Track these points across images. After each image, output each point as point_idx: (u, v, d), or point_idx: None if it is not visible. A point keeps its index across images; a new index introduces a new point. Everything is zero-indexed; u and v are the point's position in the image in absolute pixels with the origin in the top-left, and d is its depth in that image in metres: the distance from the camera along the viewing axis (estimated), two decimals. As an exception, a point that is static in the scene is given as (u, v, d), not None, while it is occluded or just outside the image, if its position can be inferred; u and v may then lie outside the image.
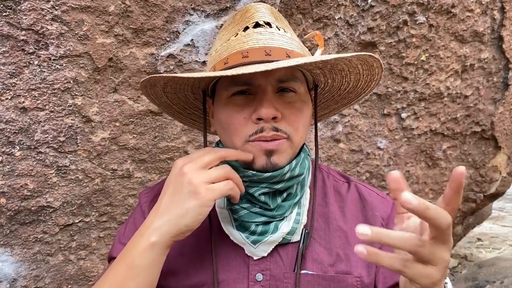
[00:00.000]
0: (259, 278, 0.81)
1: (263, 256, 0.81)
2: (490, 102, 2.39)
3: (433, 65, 2.13)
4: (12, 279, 1.62)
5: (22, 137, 1.50)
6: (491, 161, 2.57)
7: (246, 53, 0.76)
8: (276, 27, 0.81)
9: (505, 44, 2.27)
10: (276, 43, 0.77)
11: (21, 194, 1.55)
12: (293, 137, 0.80)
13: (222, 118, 0.82)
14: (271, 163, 0.78)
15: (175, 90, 0.89)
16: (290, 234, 0.82)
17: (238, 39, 0.79)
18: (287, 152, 0.80)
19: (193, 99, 0.94)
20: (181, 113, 0.99)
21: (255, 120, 0.77)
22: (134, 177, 1.72)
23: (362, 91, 0.92)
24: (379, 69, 0.84)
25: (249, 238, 0.80)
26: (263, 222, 0.80)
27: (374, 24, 1.93)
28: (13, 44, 1.41)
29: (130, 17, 1.52)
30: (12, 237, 1.59)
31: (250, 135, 0.78)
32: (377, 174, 2.24)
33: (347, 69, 0.85)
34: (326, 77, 0.90)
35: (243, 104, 0.79)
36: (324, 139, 2.05)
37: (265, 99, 0.76)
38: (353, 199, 0.93)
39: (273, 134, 0.77)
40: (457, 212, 2.66)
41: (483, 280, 2.66)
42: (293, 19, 1.79)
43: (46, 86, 1.49)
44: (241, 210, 0.81)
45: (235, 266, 0.82)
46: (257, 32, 0.78)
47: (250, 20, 0.81)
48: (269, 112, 0.75)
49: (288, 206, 0.82)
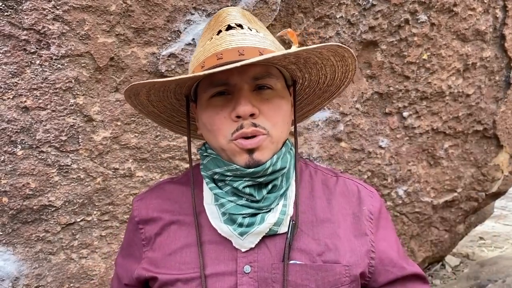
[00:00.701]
0: (247, 270, 0.82)
1: (251, 247, 0.83)
2: (492, 101, 2.38)
3: (435, 64, 2.13)
4: (14, 277, 1.62)
5: (24, 136, 1.51)
6: (493, 160, 2.56)
7: (221, 55, 0.79)
8: (248, 28, 0.84)
9: (507, 43, 2.26)
10: (249, 43, 0.80)
11: (23, 193, 1.56)
12: (272, 132, 0.82)
13: (204, 120, 0.85)
14: (253, 159, 0.81)
15: (159, 98, 0.91)
16: (276, 225, 0.83)
17: (212, 43, 0.82)
18: (268, 147, 0.82)
19: (178, 106, 0.96)
20: (170, 121, 1.02)
21: (234, 118, 0.80)
22: (136, 176, 1.72)
23: (341, 83, 0.94)
24: (352, 59, 0.86)
25: (236, 230, 0.82)
26: (250, 214, 0.82)
27: (376, 23, 1.93)
28: (15, 43, 1.41)
29: (131, 17, 1.52)
30: (14, 236, 1.60)
31: (232, 133, 0.81)
32: (378, 173, 2.23)
33: (321, 62, 0.87)
34: (302, 72, 0.91)
35: (222, 105, 0.82)
36: (325, 138, 2.05)
37: (241, 97, 0.79)
38: (341, 192, 0.94)
39: (252, 129, 0.80)
40: (459, 211, 2.66)
41: (485, 279, 2.66)
42: (294, 18, 1.79)
43: (48, 86, 1.49)
44: (228, 203, 0.83)
45: (223, 259, 0.84)
46: (229, 34, 0.81)
47: (223, 23, 0.84)
48: (246, 109, 0.78)
49: (273, 197, 0.84)
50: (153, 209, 0.93)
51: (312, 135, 2.01)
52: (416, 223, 2.50)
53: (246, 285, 0.81)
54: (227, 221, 0.83)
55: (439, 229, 2.67)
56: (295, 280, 0.81)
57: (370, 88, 2.07)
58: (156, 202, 0.94)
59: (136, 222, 0.94)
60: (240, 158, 0.81)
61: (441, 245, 2.81)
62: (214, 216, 0.85)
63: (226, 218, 0.84)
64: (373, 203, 0.93)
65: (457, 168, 2.47)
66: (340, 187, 0.95)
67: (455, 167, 2.45)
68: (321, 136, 2.04)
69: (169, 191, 0.95)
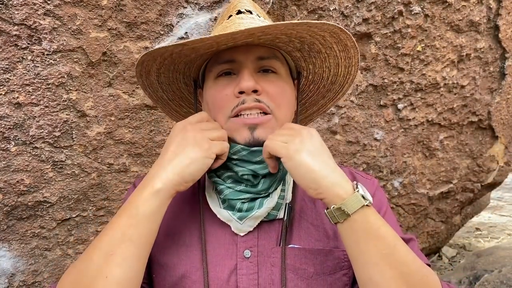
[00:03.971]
0: (247, 254, 0.83)
1: (249, 231, 0.84)
2: (487, 92, 2.38)
3: (429, 55, 2.13)
4: (10, 274, 1.62)
5: (17, 132, 1.50)
6: (488, 151, 2.57)
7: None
8: (257, 14, 0.86)
9: (501, 34, 2.26)
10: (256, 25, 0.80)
11: (18, 190, 1.55)
12: (276, 114, 0.83)
13: (208, 99, 0.86)
14: (253, 137, 0.81)
15: (169, 80, 0.91)
16: (275, 209, 0.84)
17: (223, 26, 0.84)
18: (272, 128, 0.83)
19: (187, 94, 0.97)
20: (178, 111, 1.03)
21: (237, 94, 0.81)
22: (131, 171, 1.72)
23: (345, 80, 0.95)
24: (354, 49, 0.87)
25: (235, 215, 0.83)
26: (249, 199, 0.83)
27: (369, 15, 1.92)
28: (6, 39, 1.41)
29: (123, 11, 1.51)
30: (9, 232, 1.60)
31: (232, 109, 0.82)
32: (374, 165, 2.24)
33: (324, 50, 0.87)
34: (306, 62, 0.92)
35: (226, 83, 0.83)
36: (320, 131, 2.05)
37: (245, 73, 0.80)
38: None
39: (254, 104, 0.81)
40: (455, 202, 2.67)
41: (481, 269, 2.67)
42: (287, 10, 1.78)
43: (40, 81, 1.49)
44: (226, 189, 0.84)
45: (223, 244, 0.84)
46: (239, 18, 0.84)
47: (234, 9, 0.87)
48: (250, 84, 0.79)
49: (271, 181, 0.85)
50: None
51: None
52: (412, 214, 2.51)
53: (245, 269, 0.82)
54: (227, 207, 0.85)
55: (435, 220, 2.68)
56: (294, 263, 0.82)
57: (365, 81, 2.07)
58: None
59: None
60: (240, 134, 0.82)
61: (438, 236, 2.83)
62: (214, 204, 0.86)
63: (226, 205, 0.85)
64: (370, 188, 0.94)
65: (452, 160, 2.47)
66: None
67: (450, 158, 2.46)
68: (316, 129, 2.04)
69: None
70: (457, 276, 2.73)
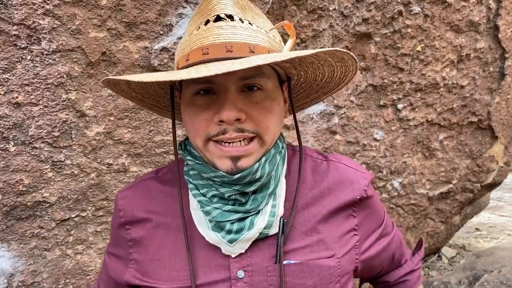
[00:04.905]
0: (240, 275, 0.79)
1: (241, 253, 0.79)
2: (487, 92, 2.38)
3: (429, 55, 2.13)
4: (9, 274, 1.62)
5: (16, 132, 1.50)
6: (488, 151, 2.57)
7: (206, 50, 0.72)
8: (240, 19, 0.76)
9: (501, 34, 2.26)
10: (239, 38, 0.73)
11: (17, 190, 1.55)
12: (264, 137, 0.76)
13: (185, 118, 0.79)
14: (236, 167, 0.75)
15: (141, 87, 0.85)
16: (267, 228, 0.79)
17: (199, 34, 0.75)
18: (257, 153, 0.77)
19: (163, 93, 0.90)
20: (156, 105, 0.96)
21: (217, 122, 0.73)
22: (130, 171, 1.72)
23: (341, 81, 0.88)
24: (352, 61, 0.79)
25: (225, 238, 0.78)
26: (238, 219, 0.78)
27: (369, 15, 1.92)
28: (5, 39, 1.40)
29: (122, 11, 1.51)
30: (8, 233, 1.60)
31: (212, 136, 0.75)
32: (373, 166, 2.24)
33: (317, 62, 0.80)
34: (297, 70, 0.85)
35: (205, 105, 0.75)
36: (320, 131, 2.05)
37: (226, 99, 0.72)
38: (333, 178, 0.89)
39: (237, 135, 0.73)
40: (454, 202, 2.67)
41: (481, 269, 2.67)
42: (287, 10, 1.78)
43: (39, 81, 1.48)
44: (213, 210, 0.78)
45: (214, 266, 0.80)
46: (217, 27, 0.74)
47: (211, 12, 0.76)
48: (231, 115, 0.71)
49: (261, 198, 0.79)
50: (138, 210, 0.88)
51: (307, 128, 2.01)
52: (412, 215, 2.50)
53: None
54: (214, 227, 0.79)
55: (435, 220, 2.68)
56: (292, 280, 0.79)
57: (364, 81, 2.07)
58: (141, 203, 0.89)
59: (123, 222, 0.90)
60: (221, 163, 0.75)
61: (437, 237, 2.83)
62: (201, 222, 0.81)
63: (213, 224, 0.79)
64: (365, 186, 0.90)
65: (452, 160, 2.47)
66: (332, 173, 0.90)
67: (450, 158, 2.46)
68: (316, 129, 2.03)
69: (154, 191, 0.90)
70: (456, 276, 2.73)
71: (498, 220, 4.71)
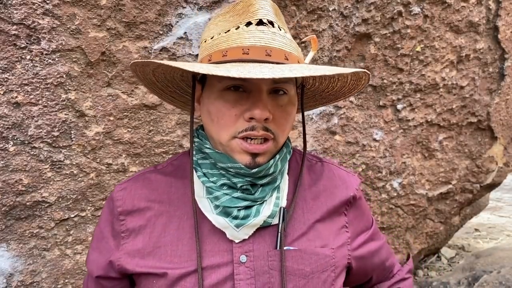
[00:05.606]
0: (243, 259, 0.83)
1: (244, 239, 0.84)
2: (486, 93, 2.39)
3: (429, 56, 2.13)
4: (8, 274, 1.62)
5: (15, 132, 1.50)
6: (488, 151, 2.57)
7: (247, 50, 0.76)
8: (278, 27, 0.81)
9: (501, 34, 2.26)
10: (277, 44, 0.78)
11: (16, 189, 1.55)
12: (279, 139, 0.82)
13: (212, 111, 0.82)
14: (255, 162, 0.80)
15: (165, 73, 0.88)
16: (271, 217, 0.84)
17: (239, 33, 0.79)
18: (271, 152, 0.83)
19: (179, 80, 0.93)
20: (174, 97, 0.99)
21: (247, 118, 0.78)
22: (129, 171, 1.72)
23: (349, 92, 0.94)
24: (366, 81, 0.86)
25: (232, 222, 0.82)
26: (245, 206, 0.82)
27: (369, 15, 1.92)
28: (5, 39, 1.40)
29: (122, 11, 1.51)
30: (7, 232, 1.59)
31: (239, 132, 0.79)
32: (373, 166, 2.24)
33: (337, 77, 0.87)
34: (314, 80, 0.93)
35: (235, 101, 0.79)
36: (319, 131, 2.05)
37: (260, 100, 0.77)
38: (327, 177, 0.97)
39: (263, 133, 0.79)
40: (454, 203, 2.67)
41: (480, 270, 2.68)
42: (287, 10, 1.78)
43: (39, 81, 1.48)
44: (223, 196, 0.83)
45: (218, 251, 0.84)
46: (260, 31, 0.78)
47: (254, 16, 0.80)
48: (264, 114, 0.77)
49: (269, 189, 0.85)
50: (139, 199, 0.90)
51: (307, 128, 2.01)
52: (411, 215, 2.51)
53: (243, 274, 0.82)
54: (220, 213, 0.83)
55: (434, 221, 2.68)
56: (292, 265, 0.84)
57: (364, 81, 2.07)
58: (143, 192, 0.91)
59: (118, 212, 0.91)
60: (241, 158, 0.81)
61: (437, 237, 2.83)
62: (206, 210, 0.85)
63: (219, 211, 0.83)
64: (356, 186, 0.98)
65: (451, 160, 2.47)
66: (326, 173, 0.97)
67: (449, 159, 2.46)
68: (316, 130, 2.03)
69: (155, 181, 0.93)
70: (456, 277, 2.73)
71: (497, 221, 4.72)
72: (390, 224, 2.44)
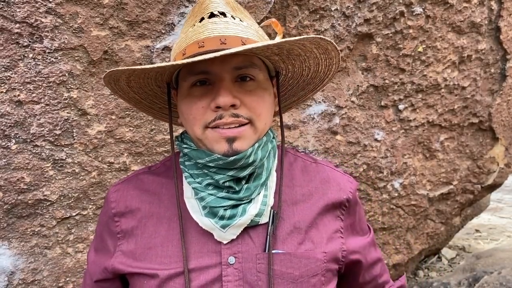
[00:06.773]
0: (231, 261, 0.82)
1: (232, 239, 0.83)
2: (488, 93, 2.39)
3: (430, 56, 2.13)
4: (10, 272, 1.62)
5: (17, 130, 1.50)
6: (489, 152, 2.57)
7: (202, 43, 0.78)
8: (231, 16, 0.82)
9: (503, 35, 2.26)
10: (231, 32, 0.79)
11: (18, 188, 1.55)
12: (256, 123, 0.82)
13: (183, 109, 0.84)
14: (232, 149, 0.80)
15: (140, 85, 0.89)
16: (258, 216, 0.83)
17: (194, 30, 0.81)
18: (250, 138, 0.82)
19: (160, 93, 0.95)
20: (152, 107, 1.00)
21: (213, 108, 0.79)
22: (131, 170, 1.72)
23: (325, 76, 0.94)
24: (335, 52, 0.85)
25: (218, 223, 0.82)
26: (231, 206, 0.82)
27: (371, 15, 1.92)
28: (7, 37, 1.41)
29: (125, 10, 1.51)
30: (9, 231, 1.60)
31: (209, 123, 0.80)
32: (374, 166, 2.24)
33: (304, 54, 0.86)
34: (285, 63, 0.91)
35: (201, 95, 0.81)
36: (321, 131, 2.05)
37: (222, 87, 0.78)
38: (321, 179, 0.95)
39: (232, 119, 0.79)
40: (455, 204, 2.67)
41: (481, 271, 2.68)
42: (289, 10, 1.78)
43: (41, 79, 1.49)
44: (208, 196, 0.82)
45: (206, 252, 0.83)
46: (211, 22, 0.80)
47: (205, 11, 0.83)
48: (227, 100, 0.77)
49: (254, 187, 0.84)
50: (131, 200, 0.91)
51: (308, 128, 2.01)
52: (412, 215, 2.51)
53: (231, 275, 0.82)
54: (208, 214, 0.83)
55: (435, 221, 2.68)
56: (280, 268, 0.83)
57: (366, 81, 2.07)
58: (134, 193, 0.92)
59: (113, 214, 0.92)
60: (218, 146, 0.80)
61: (437, 238, 2.83)
62: (194, 210, 0.85)
63: (207, 211, 0.83)
64: (351, 189, 0.95)
65: (452, 161, 2.47)
66: (320, 174, 0.96)
67: (450, 159, 2.46)
68: (317, 129, 2.03)
69: (147, 182, 0.94)
70: (456, 278, 2.73)
71: (498, 222, 4.72)
72: (391, 225, 2.44)
